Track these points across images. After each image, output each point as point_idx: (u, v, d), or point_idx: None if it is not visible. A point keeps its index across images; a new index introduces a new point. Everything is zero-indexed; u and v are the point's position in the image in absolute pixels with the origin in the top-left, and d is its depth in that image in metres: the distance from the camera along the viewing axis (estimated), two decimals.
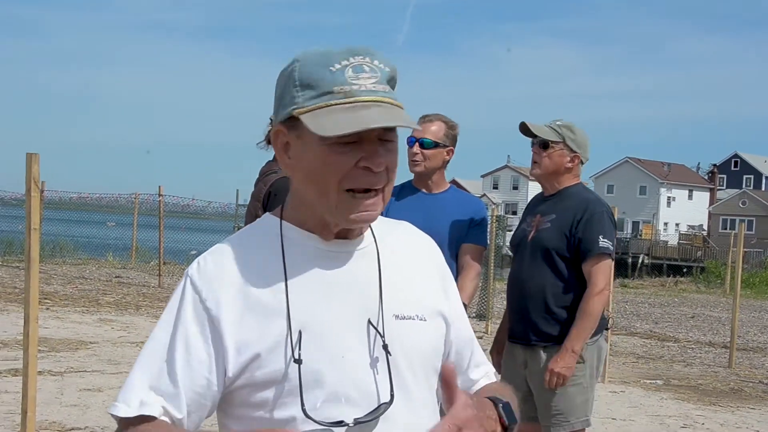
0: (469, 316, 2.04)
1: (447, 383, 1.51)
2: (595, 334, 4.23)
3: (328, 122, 1.53)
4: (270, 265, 1.61)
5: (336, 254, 1.64)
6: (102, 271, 20.06)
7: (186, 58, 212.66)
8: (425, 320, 1.69)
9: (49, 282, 16.50)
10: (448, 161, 4.48)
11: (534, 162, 4.37)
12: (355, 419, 1.57)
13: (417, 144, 4.38)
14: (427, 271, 1.75)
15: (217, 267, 1.62)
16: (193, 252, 24.63)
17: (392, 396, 1.60)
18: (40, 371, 6.78)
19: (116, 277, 18.96)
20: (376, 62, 1.59)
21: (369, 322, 1.62)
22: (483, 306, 15.25)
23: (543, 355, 4.23)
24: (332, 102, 1.55)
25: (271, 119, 4.14)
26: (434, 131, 4.41)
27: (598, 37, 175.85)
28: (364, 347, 1.61)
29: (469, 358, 1.82)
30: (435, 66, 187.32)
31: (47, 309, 12.84)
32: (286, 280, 1.60)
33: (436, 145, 4.40)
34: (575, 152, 4.31)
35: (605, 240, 4.17)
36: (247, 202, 4.48)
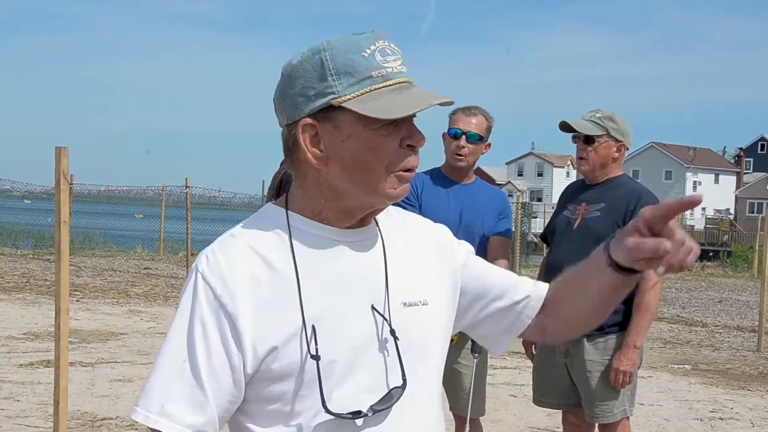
0: None
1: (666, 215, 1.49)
2: None
3: (385, 105, 1.55)
4: (279, 257, 1.60)
5: (344, 243, 1.64)
6: (131, 263, 20.19)
7: (212, 50, 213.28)
8: (427, 304, 1.70)
9: (79, 274, 16.65)
10: (483, 154, 4.47)
11: (581, 158, 4.33)
12: (371, 407, 1.58)
13: (464, 137, 4.31)
14: (430, 253, 1.76)
15: (227, 261, 1.58)
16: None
17: (404, 380, 1.61)
18: (71, 362, 6.87)
19: (145, 268, 19.08)
20: (392, 45, 1.61)
21: (373, 308, 1.62)
22: None
23: (587, 344, 4.21)
24: (375, 86, 1.56)
25: None
26: (477, 125, 4.34)
27: (624, 22, 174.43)
28: (374, 334, 1.62)
29: (507, 288, 1.80)
30: (460, 54, 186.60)
31: (78, 301, 12.96)
32: (296, 272, 1.58)
33: (480, 139, 4.36)
34: (620, 141, 4.29)
35: None
36: None
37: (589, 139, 4.27)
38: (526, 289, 1.82)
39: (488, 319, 1.81)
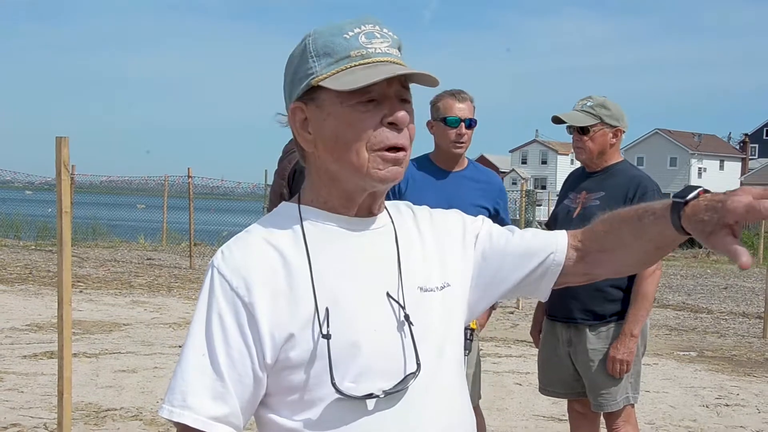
0: None
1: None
2: None
3: (352, 79, 1.56)
4: (293, 248, 1.62)
5: (356, 232, 1.66)
6: (134, 254, 20.21)
7: (214, 39, 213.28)
8: (449, 286, 1.71)
9: (81, 265, 16.67)
10: None
11: (578, 148, 4.30)
12: (384, 390, 1.58)
13: (462, 124, 4.22)
14: (445, 237, 1.76)
15: (242, 254, 1.61)
16: (225, 233, 24.74)
17: (418, 365, 1.61)
18: (75, 353, 6.86)
19: (148, 259, 19.10)
20: (384, 30, 1.64)
21: (388, 294, 1.63)
22: None
23: (589, 333, 4.21)
24: (351, 64, 1.59)
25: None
26: (470, 109, 4.27)
27: (629, 7, 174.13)
28: (390, 319, 1.63)
29: (528, 251, 1.77)
30: (462, 42, 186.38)
31: (81, 292, 12.97)
32: (309, 259, 1.60)
33: (474, 123, 4.30)
34: (616, 126, 4.26)
35: None
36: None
37: (583, 130, 4.24)
38: (547, 247, 1.78)
39: (518, 284, 1.79)
